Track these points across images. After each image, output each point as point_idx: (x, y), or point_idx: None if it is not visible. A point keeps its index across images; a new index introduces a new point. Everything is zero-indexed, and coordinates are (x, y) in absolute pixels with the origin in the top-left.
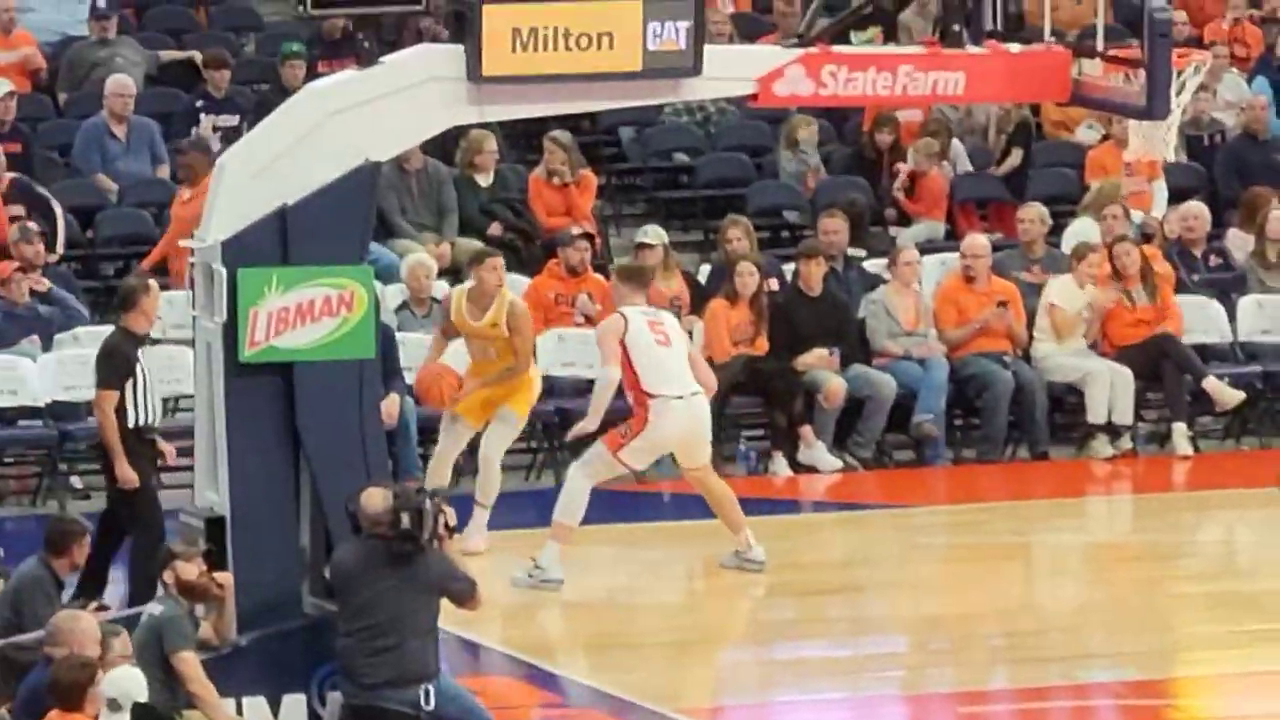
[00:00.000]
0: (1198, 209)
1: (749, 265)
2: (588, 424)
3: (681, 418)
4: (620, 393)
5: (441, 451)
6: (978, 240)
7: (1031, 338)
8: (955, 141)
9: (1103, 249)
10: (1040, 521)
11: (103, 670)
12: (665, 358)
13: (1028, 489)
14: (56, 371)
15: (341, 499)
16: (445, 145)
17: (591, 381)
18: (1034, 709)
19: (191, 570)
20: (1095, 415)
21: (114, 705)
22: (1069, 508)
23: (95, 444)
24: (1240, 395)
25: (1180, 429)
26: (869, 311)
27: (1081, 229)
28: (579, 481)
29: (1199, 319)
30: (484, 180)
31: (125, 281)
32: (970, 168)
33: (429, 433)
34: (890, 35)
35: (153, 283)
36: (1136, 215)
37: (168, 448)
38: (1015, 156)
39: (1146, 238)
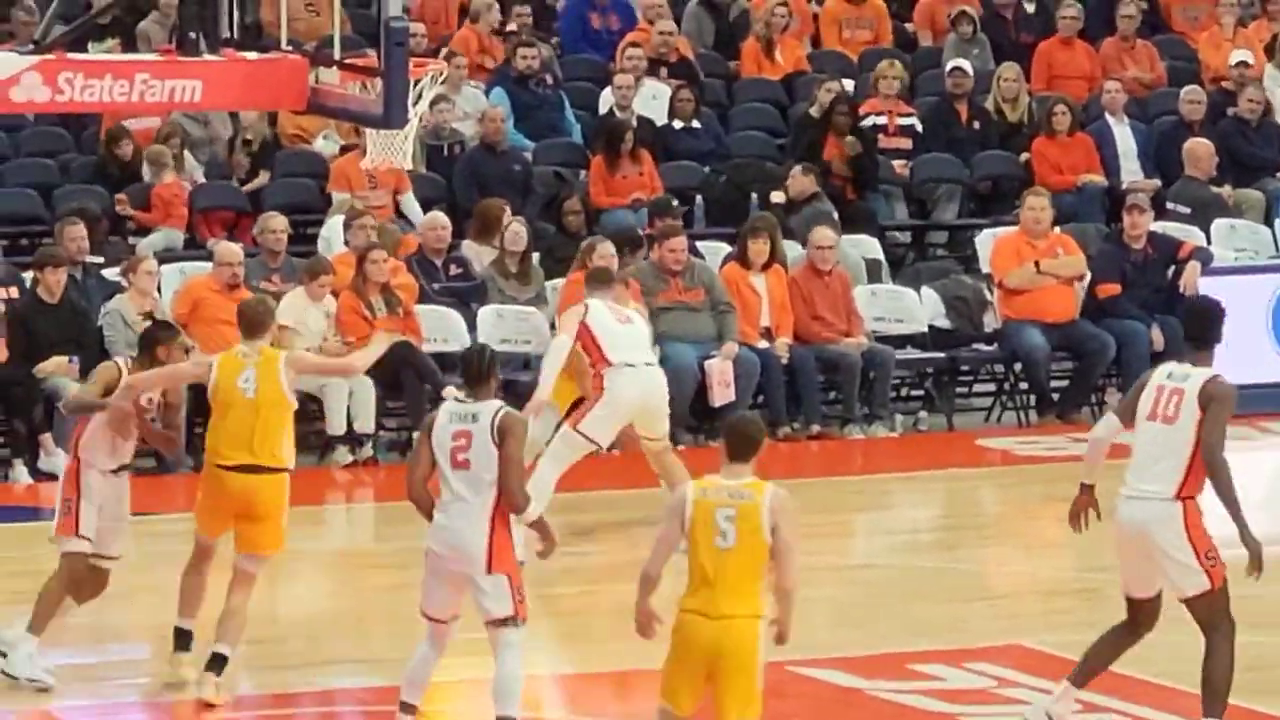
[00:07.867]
0: (440, 219)
1: None
2: (540, 393)
3: (638, 381)
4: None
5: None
6: (229, 248)
7: None
8: (188, 153)
9: (347, 260)
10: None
11: None
12: (625, 331)
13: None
14: None
15: None
16: None
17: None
18: (281, 714)
19: None
20: (335, 426)
21: None
22: (311, 515)
23: None
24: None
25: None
26: (106, 321)
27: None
28: (546, 469)
29: (439, 328)
30: None
31: None
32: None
33: None
34: (129, 45)
35: None
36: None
37: None
38: (262, 177)
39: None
